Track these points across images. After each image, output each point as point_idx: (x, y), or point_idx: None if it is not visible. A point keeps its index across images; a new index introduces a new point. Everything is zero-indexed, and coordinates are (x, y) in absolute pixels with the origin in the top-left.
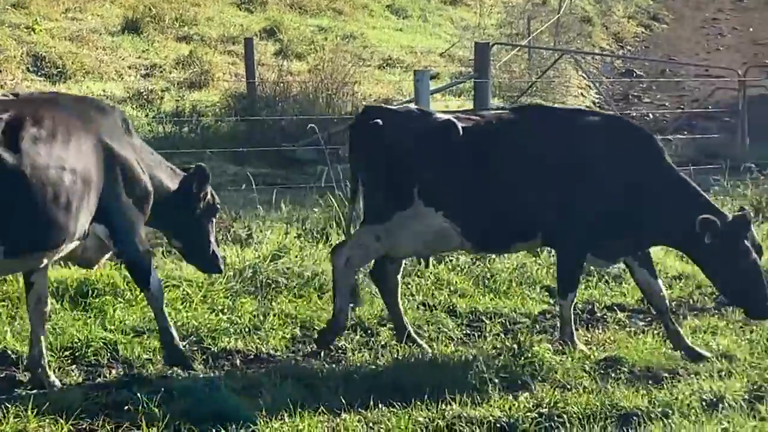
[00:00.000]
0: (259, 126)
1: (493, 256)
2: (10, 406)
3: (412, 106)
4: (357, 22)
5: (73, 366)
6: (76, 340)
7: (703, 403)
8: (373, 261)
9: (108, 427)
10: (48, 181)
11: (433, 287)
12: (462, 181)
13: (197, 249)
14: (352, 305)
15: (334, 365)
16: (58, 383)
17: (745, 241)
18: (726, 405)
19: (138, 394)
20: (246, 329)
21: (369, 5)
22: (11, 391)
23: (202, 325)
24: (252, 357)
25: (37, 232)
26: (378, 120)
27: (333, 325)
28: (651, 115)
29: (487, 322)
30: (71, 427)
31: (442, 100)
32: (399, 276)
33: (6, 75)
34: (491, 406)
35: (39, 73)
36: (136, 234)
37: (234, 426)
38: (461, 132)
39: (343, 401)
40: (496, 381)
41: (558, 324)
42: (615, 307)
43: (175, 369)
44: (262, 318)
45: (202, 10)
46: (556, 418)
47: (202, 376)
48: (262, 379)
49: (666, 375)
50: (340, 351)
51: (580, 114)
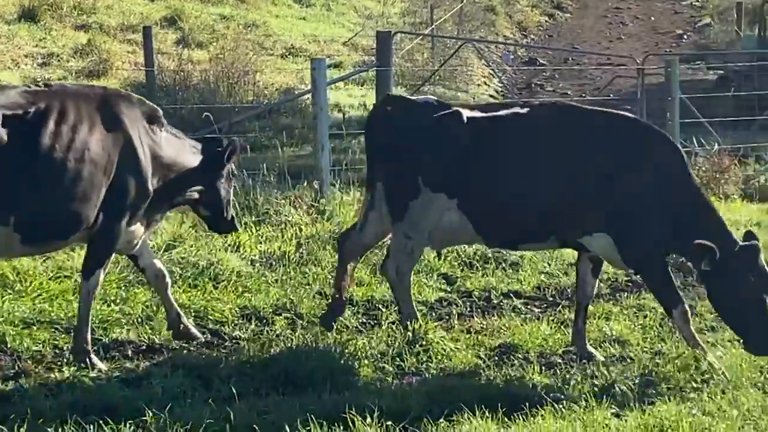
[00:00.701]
0: None
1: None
2: None
3: (430, 97)
4: (259, 10)
5: None
6: None
7: (595, 389)
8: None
9: None
10: (67, 171)
11: (330, 276)
12: (473, 176)
13: (221, 214)
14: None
15: (226, 355)
16: (199, 335)
17: (750, 272)
18: (618, 390)
19: (25, 386)
20: (138, 320)
21: None
22: None
23: (93, 316)
24: (144, 348)
25: (52, 220)
26: (389, 108)
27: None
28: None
29: (383, 310)
30: None
31: (344, 88)
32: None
33: None
34: (383, 394)
35: None
36: (119, 227)
37: (122, 418)
38: (475, 125)
39: (234, 391)
40: (389, 369)
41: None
42: (511, 294)
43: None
44: (155, 308)
45: None
46: (449, 405)
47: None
48: (152, 370)
49: (560, 361)
50: (233, 341)
51: (602, 115)
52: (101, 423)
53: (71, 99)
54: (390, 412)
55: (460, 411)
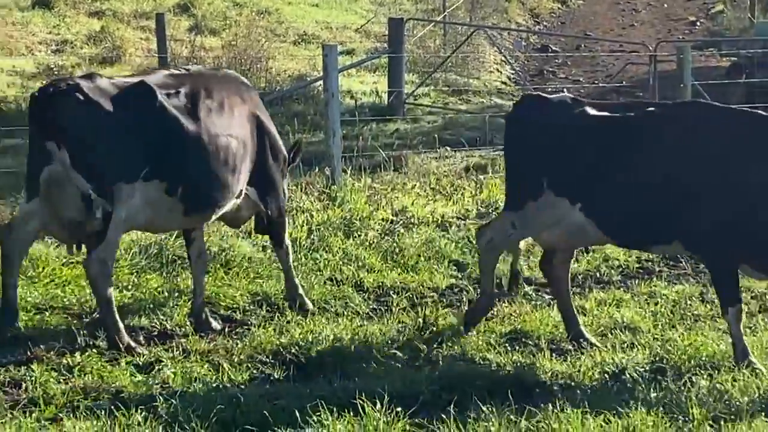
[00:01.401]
0: None
1: (402, 230)
2: None
3: (566, 94)
4: None
5: None
6: None
7: (606, 376)
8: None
9: (4, 405)
10: (220, 147)
11: (341, 262)
12: (602, 176)
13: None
14: (500, 293)
15: (238, 341)
16: (218, 326)
17: None
18: (628, 377)
19: (36, 371)
20: (150, 306)
21: None
22: None
23: None
24: (156, 333)
25: (211, 191)
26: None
27: (477, 305)
28: (565, 91)
29: (394, 296)
30: None
31: (356, 75)
32: (567, 266)
33: None
34: (393, 379)
35: None
36: (280, 196)
37: (133, 403)
38: (609, 123)
39: (246, 377)
40: (400, 355)
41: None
42: (522, 281)
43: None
44: (166, 294)
45: None
46: (459, 391)
47: (102, 353)
48: (164, 356)
49: (570, 348)
50: (244, 327)
51: (745, 115)
52: (113, 408)
53: (210, 81)
54: (400, 397)
55: (469, 397)
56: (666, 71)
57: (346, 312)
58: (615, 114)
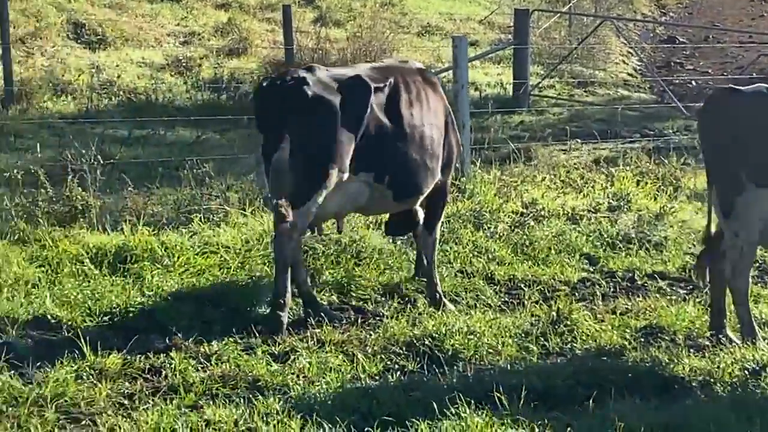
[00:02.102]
0: None
1: (532, 223)
2: (49, 370)
3: (762, 85)
4: None
5: (111, 331)
6: (114, 305)
7: (746, 372)
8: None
9: (146, 392)
10: (423, 136)
11: (471, 255)
12: None
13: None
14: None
15: (371, 332)
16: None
17: None
18: None
19: (175, 359)
20: None
21: None
22: (51, 356)
23: (242, 292)
24: (289, 323)
25: (417, 179)
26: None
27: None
28: (694, 83)
29: (526, 289)
30: (110, 392)
31: (480, 67)
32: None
33: (46, 42)
34: (529, 373)
35: (79, 41)
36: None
37: (270, 391)
38: None
39: (380, 368)
40: (533, 349)
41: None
42: (656, 276)
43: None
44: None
45: None
46: (595, 386)
47: (238, 341)
48: (299, 346)
49: (707, 344)
50: (377, 318)
51: None
52: (250, 397)
53: (407, 73)
54: (535, 391)
55: (607, 392)
56: None
57: (477, 304)
58: None
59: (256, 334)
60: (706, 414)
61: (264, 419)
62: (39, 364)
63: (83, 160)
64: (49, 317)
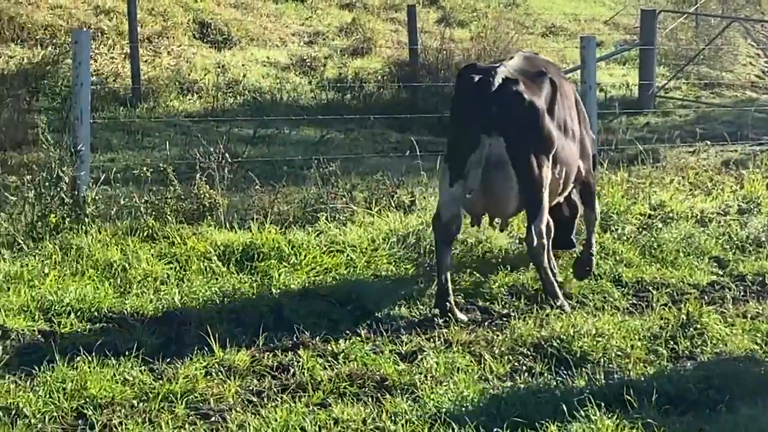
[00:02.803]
0: (421, 93)
1: (660, 225)
2: (179, 366)
3: None
4: None
5: (240, 328)
6: (241, 303)
7: None
8: None
9: (274, 389)
10: (575, 129)
11: (599, 256)
12: None
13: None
14: None
15: (498, 333)
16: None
17: None
18: None
19: (303, 357)
20: (410, 295)
21: None
22: (180, 352)
23: (366, 290)
24: (415, 323)
25: (572, 171)
26: None
27: None
28: None
29: (654, 292)
30: (239, 388)
31: (605, 68)
32: None
33: (173, 41)
34: (658, 376)
35: (205, 40)
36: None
37: (398, 391)
38: None
39: (507, 369)
40: (662, 352)
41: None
42: None
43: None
44: (425, 284)
45: None
46: (727, 390)
47: (365, 340)
48: (425, 345)
49: None
50: (504, 319)
51: None
52: (378, 396)
53: (549, 66)
54: (666, 395)
55: (738, 397)
56: None
57: (605, 306)
58: None
59: (382, 333)
60: None
61: (392, 419)
62: (168, 360)
63: (211, 158)
64: (178, 313)
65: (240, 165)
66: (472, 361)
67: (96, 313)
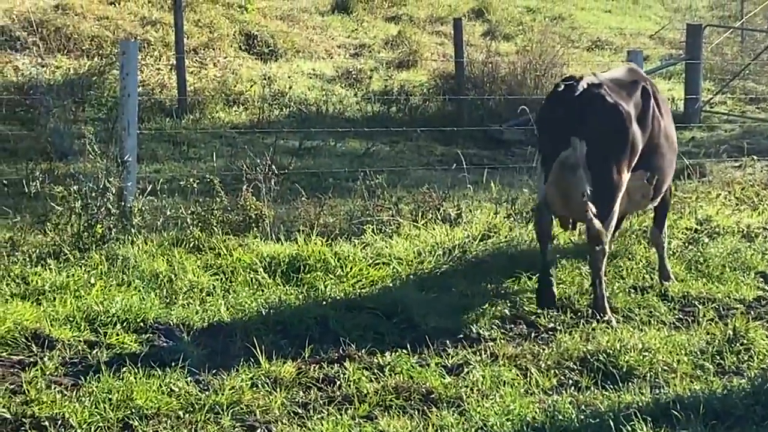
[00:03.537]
0: (467, 106)
1: (706, 240)
2: (225, 377)
3: None
4: (565, 3)
5: (285, 340)
6: (287, 315)
7: None
8: None
9: (320, 401)
10: (669, 137)
11: (644, 270)
12: None
13: None
14: None
15: (544, 347)
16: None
17: None
18: None
19: (349, 369)
20: (456, 308)
21: None
22: (226, 363)
23: (412, 303)
24: (461, 336)
25: (666, 178)
26: None
27: None
28: None
29: (700, 307)
30: (284, 400)
31: None
32: None
33: (219, 53)
34: (705, 391)
35: (251, 52)
36: None
37: (444, 404)
38: None
39: (554, 383)
40: (709, 367)
41: None
42: None
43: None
44: (471, 297)
45: None
46: None
47: (411, 353)
48: (471, 359)
49: None
50: (550, 332)
51: None
52: (425, 409)
53: (641, 75)
54: (713, 411)
55: None
56: None
57: (651, 321)
58: None
59: (428, 345)
60: None
61: None
62: (214, 371)
63: (257, 169)
64: (224, 325)
65: (286, 177)
66: (518, 375)
67: (142, 324)
